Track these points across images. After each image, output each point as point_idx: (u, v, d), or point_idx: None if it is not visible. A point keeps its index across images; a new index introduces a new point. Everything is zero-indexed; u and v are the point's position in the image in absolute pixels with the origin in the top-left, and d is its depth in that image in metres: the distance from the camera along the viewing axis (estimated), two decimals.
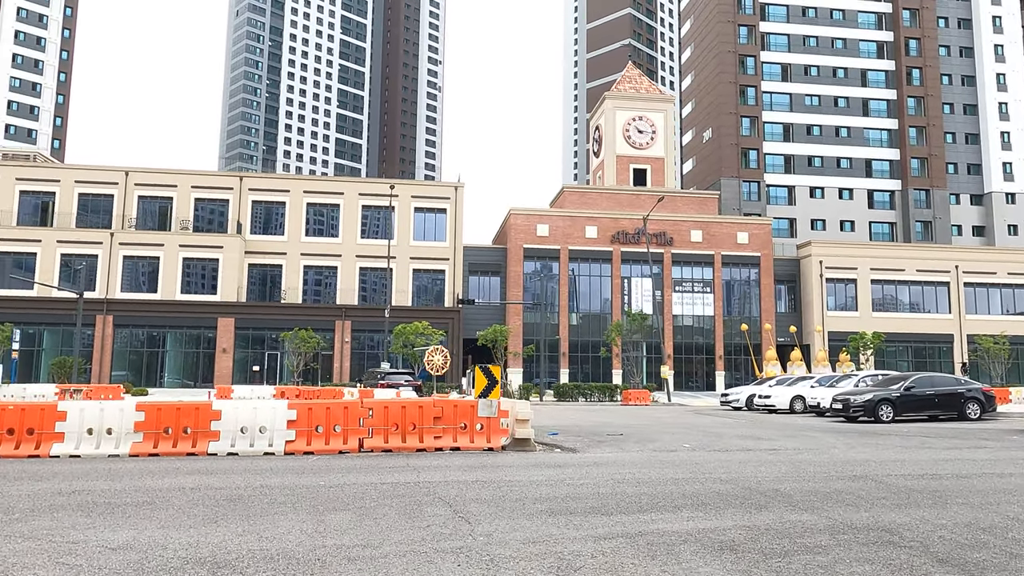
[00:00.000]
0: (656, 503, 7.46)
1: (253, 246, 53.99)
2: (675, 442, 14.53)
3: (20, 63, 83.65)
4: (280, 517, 6.76)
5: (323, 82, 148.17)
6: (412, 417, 12.47)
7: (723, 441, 14.77)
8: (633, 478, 9.23)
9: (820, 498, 7.73)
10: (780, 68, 69.59)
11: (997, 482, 8.97)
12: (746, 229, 57.51)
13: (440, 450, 12.39)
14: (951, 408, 21.41)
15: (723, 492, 8.12)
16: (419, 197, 56.54)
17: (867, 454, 12.26)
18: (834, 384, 25.10)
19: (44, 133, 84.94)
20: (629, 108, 59.95)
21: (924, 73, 69.98)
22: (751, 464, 10.74)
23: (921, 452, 12.64)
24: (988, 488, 8.48)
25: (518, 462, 10.98)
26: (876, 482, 8.90)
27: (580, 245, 55.74)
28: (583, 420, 22.75)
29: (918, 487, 8.51)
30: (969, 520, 6.64)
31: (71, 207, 52.98)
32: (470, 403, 12.89)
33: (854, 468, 10.30)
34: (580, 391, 44.41)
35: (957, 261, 58.93)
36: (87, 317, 50.33)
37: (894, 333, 57.76)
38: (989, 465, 10.75)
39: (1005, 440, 15.05)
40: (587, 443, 14.31)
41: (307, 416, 12.19)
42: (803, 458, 11.61)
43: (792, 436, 16.11)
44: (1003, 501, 7.61)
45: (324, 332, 53.26)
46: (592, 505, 7.34)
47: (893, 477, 9.34)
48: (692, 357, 56.57)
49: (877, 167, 69.41)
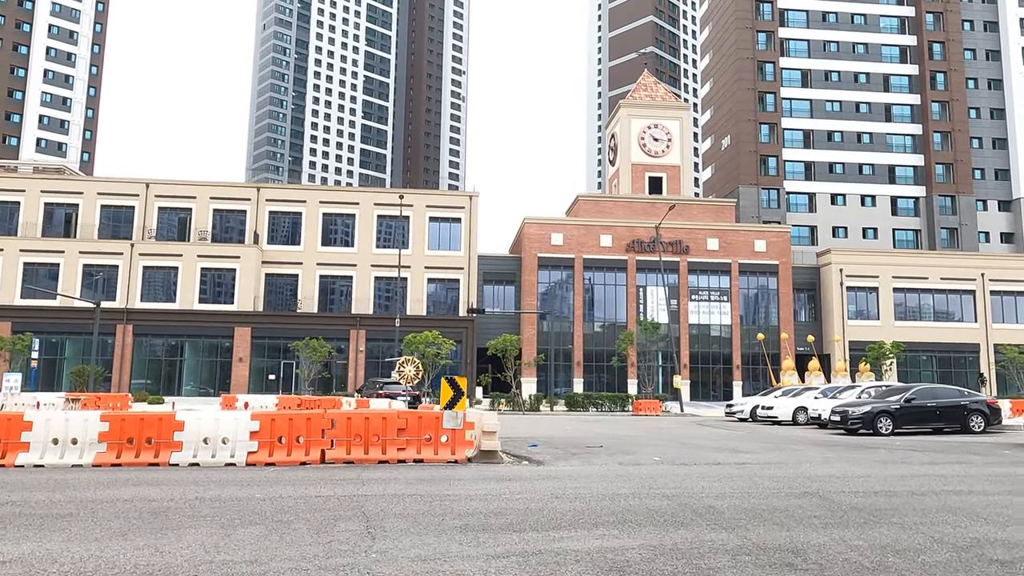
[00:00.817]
0: (578, 520, 7.31)
1: (270, 256, 54.60)
2: (650, 455, 14.30)
3: (51, 78, 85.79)
4: (191, 531, 6.75)
5: (348, 93, 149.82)
6: (375, 429, 12.43)
7: (698, 454, 14.51)
8: (575, 493, 9.08)
9: (751, 516, 7.52)
10: (800, 74, 68.76)
11: (951, 500, 8.66)
12: (764, 237, 56.80)
13: (403, 462, 12.33)
14: (953, 421, 20.83)
15: (656, 509, 7.93)
16: (434, 207, 56.77)
17: (837, 469, 11.95)
18: (836, 395, 24.57)
19: (74, 147, 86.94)
20: (644, 116, 59.64)
21: (949, 77, 68.68)
22: (707, 479, 10.51)
23: (895, 467, 12.28)
24: (936, 506, 8.18)
25: (472, 475, 10.87)
26: (822, 499, 8.65)
27: (595, 254, 55.48)
28: (578, 431, 22.54)
29: (862, 504, 8.24)
30: (889, 541, 6.39)
31: (94, 219, 54.08)
32: (435, 415, 12.82)
33: (811, 484, 10.03)
34: (591, 401, 44.08)
35: (983, 268, 57.57)
36: (108, 327, 51.27)
37: (918, 343, 56.57)
38: (956, 482, 10.39)
39: (993, 455, 14.58)
40: (560, 455, 14.15)
41: (270, 427, 12.21)
42: (767, 472, 11.34)
43: (775, 449, 15.77)
44: (940, 521, 7.33)
45: (339, 341, 53.65)
46: (511, 521, 7.22)
47: (844, 494, 9.07)
48: (709, 367, 55.90)
49: (901, 173, 68.16)
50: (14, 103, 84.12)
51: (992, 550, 6.08)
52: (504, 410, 42.41)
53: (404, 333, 47.05)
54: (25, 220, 53.51)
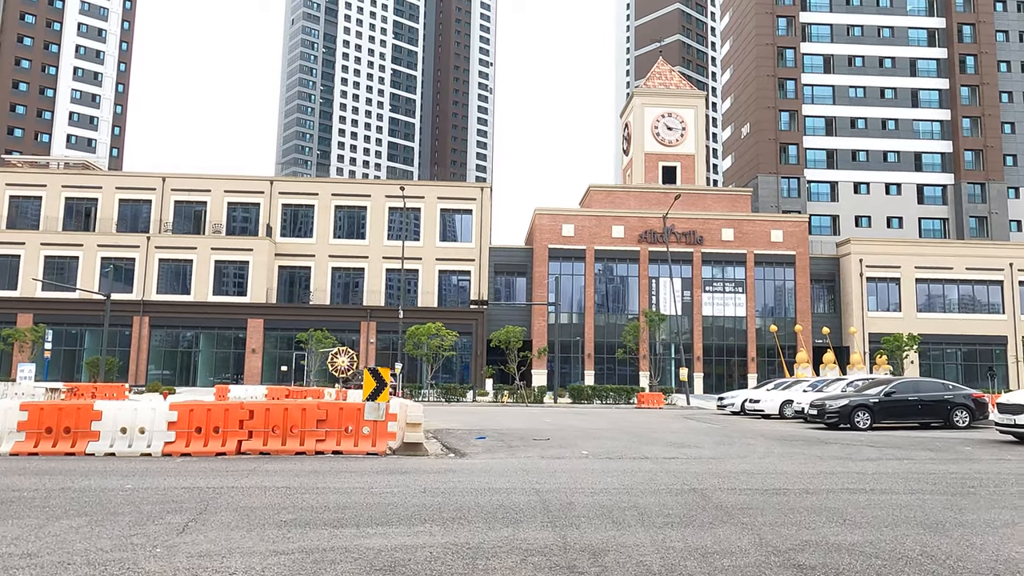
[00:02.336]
0: (414, 515, 7.06)
1: (283, 248, 55.12)
2: (591, 448, 13.96)
3: (80, 76, 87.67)
4: (13, 522, 6.67)
5: (375, 87, 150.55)
6: (294, 420, 12.32)
7: (640, 448, 14.12)
8: (452, 488, 8.83)
9: (601, 514, 7.20)
10: (822, 60, 67.01)
11: (835, 499, 8.21)
12: (780, 227, 55.58)
13: (321, 453, 12.20)
14: (936, 415, 20.05)
15: (510, 505, 7.65)
16: (445, 198, 56.70)
17: (761, 465, 11.49)
18: (823, 388, 23.85)
19: (103, 143, 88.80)
20: (658, 104, 58.72)
21: (979, 60, 66.28)
22: (609, 474, 10.17)
23: (826, 463, 11.77)
24: (808, 506, 7.75)
25: (373, 467, 10.68)
26: (699, 496, 8.26)
27: (607, 245, 54.87)
28: (552, 424, 22.22)
29: (732, 503, 7.84)
30: (709, 542, 6.03)
31: (112, 212, 55.14)
32: (357, 406, 12.66)
33: (711, 480, 9.63)
34: (596, 393, 43.63)
35: (1012, 258, 55.59)
36: (125, 318, 52.37)
37: (942, 335, 54.98)
38: (869, 479, 9.89)
39: (951, 452, 13.92)
40: (495, 448, 13.89)
41: (187, 418, 12.17)
42: (681, 468, 10.94)
43: (726, 444, 15.30)
44: (793, 522, 6.91)
45: (350, 333, 54.03)
46: (340, 517, 7.01)
47: (729, 491, 8.66)
48: (723, 359, 54.98)
49: (927, 160, 66.09)
50: (45, 100, 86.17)
51: (809, 554, 5.69)
52: (508, 402, 42.22)
53: (407, 325, 47.12)
54: (46, 214, 54.80)
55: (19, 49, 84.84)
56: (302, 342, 45.86)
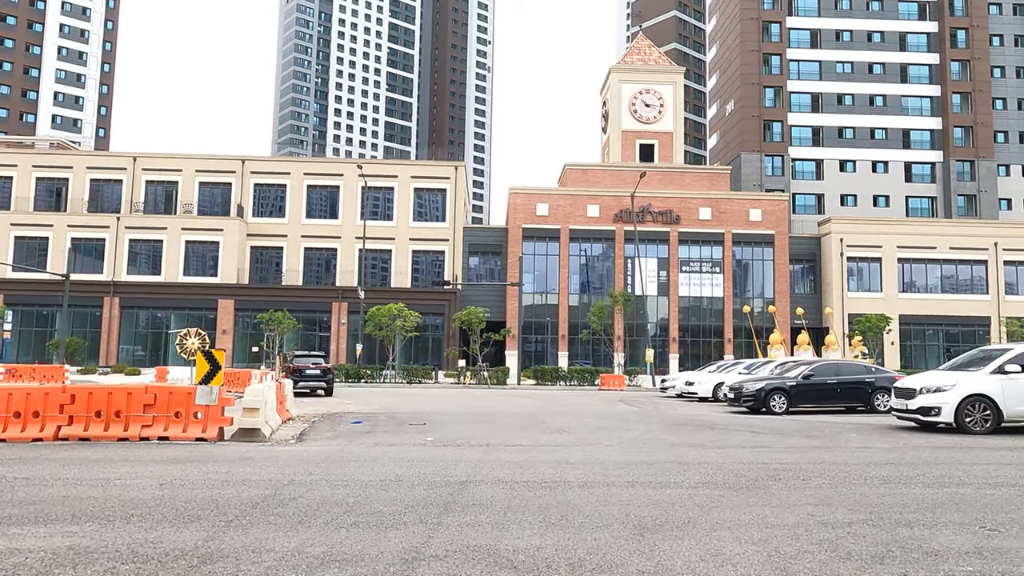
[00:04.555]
0: (88, 513, 6.47)
1: (255, 229, 54.59)
2: (454, 434, 13.36)
3: (65, 55, 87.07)
4: None
5: (372, 66, 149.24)
6: (118, 404, 11.76)
7: (510, 435, 13.49)
8: (207, 480, 8.23)
9: (305, 511, 6.59)
10: (809, 34, 65.41)
11: (594, 495, 7.53)
12: (759, 206, 54.52)
13: (147, 439, 11.66)
14: (857, 399, 19.31)
15: (225, 500, 7.05)
16: (419, 177, 55.94)
17: (607, 454, 10.84)
18: (754, 371, 23.12)
19: (89, 123, 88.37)
20: (636, 81, 57.51)
21: (971, 34, 64.50)
22: (406, 463, 9.55)
23: (675, 451, 11.10)
24: (548, 503, 7.09)
25: (176, 456, 10.10)
26: (457, 488, 7.62)
27: (582, 224, 54.04)
28: (474, 407, 21.65)
29: (474, 498, 7.20)
30: (333, 544, 5.41)
31: (83, 193, 54.74)
32: (187, 390, 12.09)
33: (505, 471, 8.99)
34: (560, 375, 43.11)
35: (996, 237, 54.34)
36: (95, 299, 52.13)
37: (924, 316, 53.98)
38: (682, 471, 9.21)
39: (828, 439, 13.20)
40: (353, 434, 13.32)
41: (6, 402, 11.64)
42: (504, 457, 10.31)
43: (610, 430, 14.66)
44: (484, 522, 6.27)
45: (322, 314, 53.67)
46: (30, 512, 6.43)
47: (496, 484, 8.02)
48: (699, 340, 54.20)
49: (916, 137, 64.60)
50: (30, 80, 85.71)
51: (436, 565, 5.06)
52: (471, 384, 41.75)
53: (367, 306, 46.56)
54: (17, 195, 54.45)
55: (2, 29, 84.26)
56: (262, 323, 45.38)
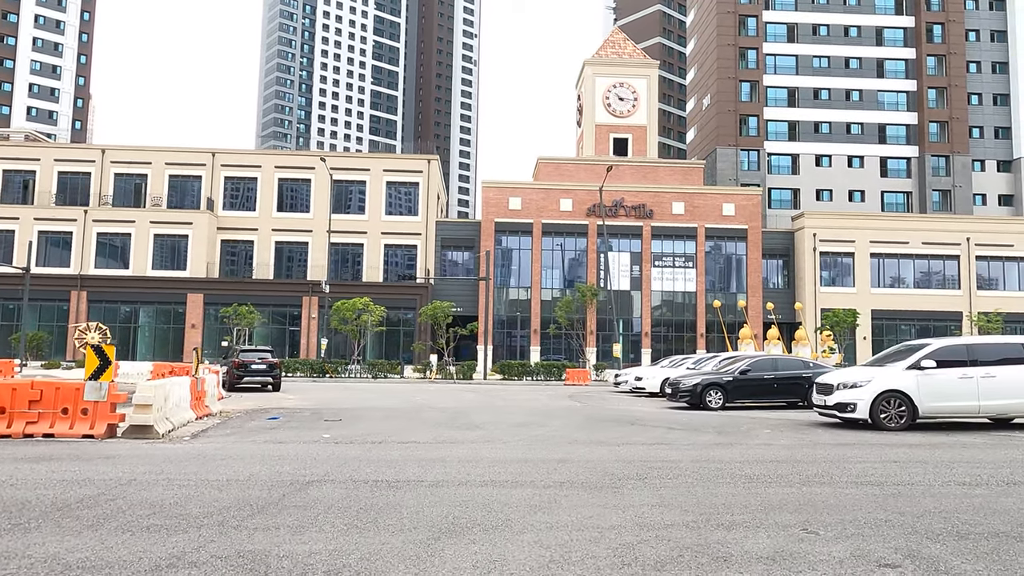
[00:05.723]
0: None
1: (225, 222, 54.13)
2: (362, 430, 13.09)
3: (40, 46, 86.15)
4: None
5: (357, 59, 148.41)
6: (2, 400, 11.44)
7: (422, 432, 13.23)
8: (60, 479, 7.95)
9: (69, 511, 6.31)
10: (786, 28, 65.18)
11: (351, 495, 7.31)
12: (732, 200, 54.35)
13: (31, 436, 11.34)
14: (795, 394, 19.13)
15: (55, 500, 6.77)
16: (391, 171, 55.56)
17: (486, 451, 10.60)
18: (699, 367, 22.93)
19: (65, 115, 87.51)
20: (609, 74, 57.20)
21: (947, 29, 64.40)
22: (260, 461, 9.28)
23: (557, 450, 10.87)
24: (309, 501, 6.85)
25: (44, 454, 9.80)
26: (292, 487, 7.36)
27: (554, 219, 53.77)
28: (416, 402, 21.38)
29: (257, 498, 6.95)
30: (87, 545, 5.13)
31: (51, 185, 54.14)
32: (75, 386, 11.77)
33: (346, 470, 8.74)
34: (526, 369, 42.88)
35: (969, 233, 54.35)
36: (62, 293, 51.63)
37: (896, 311, 54.01)
38: (513, 468, 8.98)
39: (737, 436, 12.99)
40: (261, 430, 13.03)
41: None
42: (377, 455, 10.05)
43: (527, 426, 14.41)
44: (238, 527, 6.02)
45: (292, 308, 53.32)
46: None
47: (329, 484, 7.76)
48: (673, 335, 54.06)
49: (892, 132, 64.52)
50: (4, 72, 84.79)
51: None
52: (436, 378, 41.47)
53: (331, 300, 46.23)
54: None
55: None
56: (226, 317, 44.97)
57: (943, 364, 13.57)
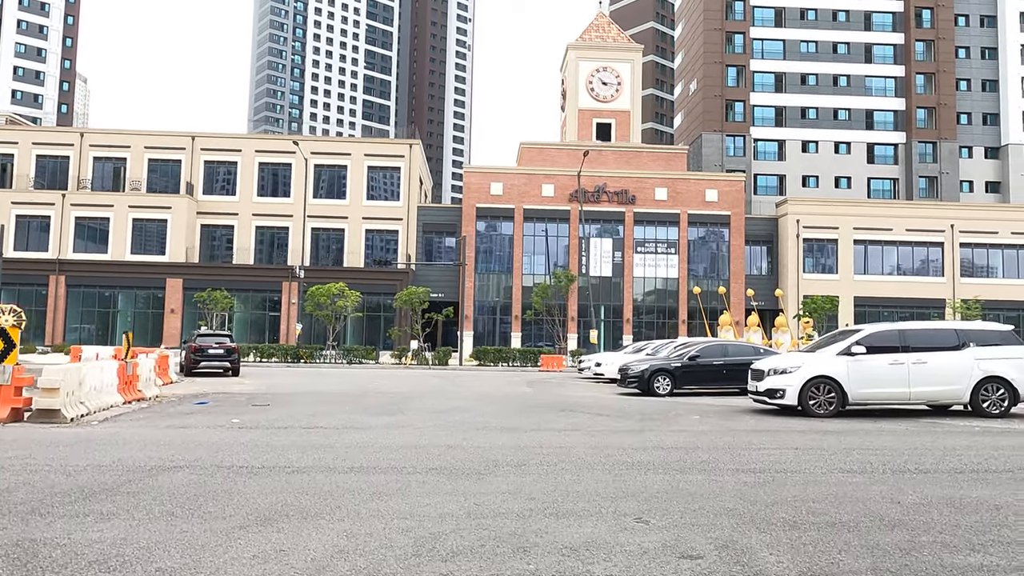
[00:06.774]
0: None
1: (205, 207, 53.78)
2: (276, 415, 12.89)
3: (25, 28, 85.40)
4: None
5: (350, 43, 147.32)
6: None
7: (341, 416, 13.03)
8: None
9: None
10: (773, 12, 64.48)
11: (220, 481, 7.09)
12: (716, 186, 53.97)
13: None
14: (744, 381, 18.86)
15: None
16: (372, 155, 55.14)
17: (393, 437, 10.39)
18: (656, 353, 22.72)
19: (50, 98, 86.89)
20: (593, 59, 56.63)
21: (936, 14, 63.71)
22: (157, 447, 9.06)
23: (458, 437, 10.66)
24: (171, 487, 6.64)
25: None
26: (142, 473, 7.15)
27: (536, 204, 53.42)
28: (368, 387, 21.18)
29: (103, 484, 6.73)
30: None
31: (29, 169, 53.75)
32: None
33: (234, 455, 8.52)
34: (501, 355, 42.69)
35: (953, 219, 54.01)
36: (40, 277, 51.37)
37: (879, 298, 53.78)
38: (396, 454, 8.77)
39: (662, 422, 12.79)
40: (176, 415, 12.82)
41: None
42: (269, 440, 9.84)
43: (464, 411, 14.22)
44: (38, 511, 5.80)
45: (272, 293, 53.10)
46: None
47: (181, 470, 7.55)
48: (655, 321, 53.86)
49: (879, 118, 63.99)
50: None
51: None
52: (411, 364, 41.30)
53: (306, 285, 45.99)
54: None
55: None
56: (200, 302, 44.73)
57: (875, 350, 13.35)
